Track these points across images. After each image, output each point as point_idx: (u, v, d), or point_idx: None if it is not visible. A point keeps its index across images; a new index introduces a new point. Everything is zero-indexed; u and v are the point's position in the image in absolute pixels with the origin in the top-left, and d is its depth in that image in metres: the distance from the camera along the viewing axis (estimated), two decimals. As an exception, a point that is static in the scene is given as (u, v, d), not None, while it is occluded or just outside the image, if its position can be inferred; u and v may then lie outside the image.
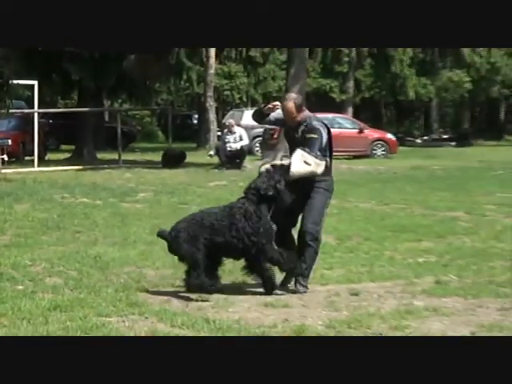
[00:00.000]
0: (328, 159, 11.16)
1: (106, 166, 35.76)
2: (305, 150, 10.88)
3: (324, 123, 11.35)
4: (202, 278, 10.29)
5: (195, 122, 59.46)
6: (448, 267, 13.10)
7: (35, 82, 40.04)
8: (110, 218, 18.73)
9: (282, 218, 11.22)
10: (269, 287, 10.91)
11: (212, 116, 51.80)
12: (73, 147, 44.21)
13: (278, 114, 11.65)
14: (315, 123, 11.19)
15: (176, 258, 11.22)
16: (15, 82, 38.94)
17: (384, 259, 13.87)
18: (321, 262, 13.46)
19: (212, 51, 52.16)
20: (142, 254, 14.14)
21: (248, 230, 10.66)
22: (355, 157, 42.43)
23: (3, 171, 31.96)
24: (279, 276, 11.52)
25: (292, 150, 11.21)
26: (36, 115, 39.66)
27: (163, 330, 9.39)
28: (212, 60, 52.57)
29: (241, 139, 35.17)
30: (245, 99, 59.94)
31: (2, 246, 15.11)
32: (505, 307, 10.57)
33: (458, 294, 11.28)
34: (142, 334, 9.19)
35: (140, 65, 41.85)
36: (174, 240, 10.54)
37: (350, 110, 60.22)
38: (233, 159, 34.38)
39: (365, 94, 65.68)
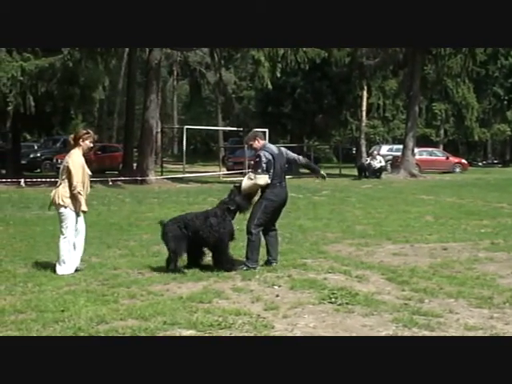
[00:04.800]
0: (271, 175, 8.99)
1: (304, 175, 35.69)
2: (251, 170, 9.26)
3: (270, 152, 9.05)
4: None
5: (354, 152, 58.77)
6: (497, 235, 12.58)
7: (266, 130, 40.49)
8: (307, 205, 18.72)
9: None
10: (229, 266, 8.84)
11: (363, 149, 51.08)
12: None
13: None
14: (260, 152, 9.02)
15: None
16: (255, 129, 39.54)
17: (461, 229, 13.42)
18: (424, 231, 13.22)
19: (364, 112, 51.38)
20: (325, 225, 14.10)
21: (215, 228, 8.84)
22: (444, 172, 40.98)
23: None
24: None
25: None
26: (267, 148, 40.27)
27: (337, 266, 9.35)
28: (364, 117, 51.75)
29: (380, 162, 34.80)
30: (382, 139, 58.83)
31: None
32: (532, 259, 10.13)
33: (503, 250, 10.84)
34: (325, 268, 9.17)
35: (324, 121, 41.96)
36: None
37: (441, 146, 58.60)
38: (375, 173, 34.02)
39: (449, 137, 63.95)
